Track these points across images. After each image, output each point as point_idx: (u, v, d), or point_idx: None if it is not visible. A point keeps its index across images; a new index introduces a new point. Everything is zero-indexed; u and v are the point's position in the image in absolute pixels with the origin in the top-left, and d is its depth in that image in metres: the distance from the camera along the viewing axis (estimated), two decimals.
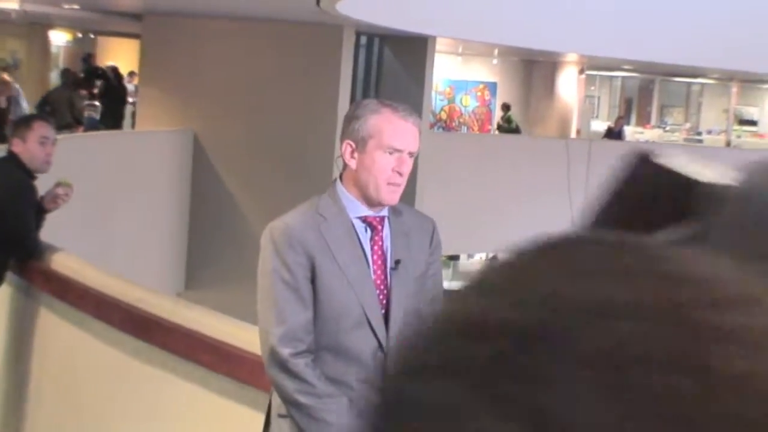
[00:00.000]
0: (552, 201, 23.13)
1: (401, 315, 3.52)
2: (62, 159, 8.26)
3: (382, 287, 3.52)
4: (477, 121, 28.77)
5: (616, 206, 1.43)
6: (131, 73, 24.21)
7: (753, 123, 32.52)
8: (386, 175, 3.46)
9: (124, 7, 19.20)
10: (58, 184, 6.69)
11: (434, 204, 19.02)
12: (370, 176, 3.48)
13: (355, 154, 3.51)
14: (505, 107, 27.67)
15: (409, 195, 18.20)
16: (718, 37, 19.49)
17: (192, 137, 18.22)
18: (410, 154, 3.50)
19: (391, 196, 3.50)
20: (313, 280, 3.44)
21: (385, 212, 3.59)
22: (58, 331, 6.29)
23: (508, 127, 27.19)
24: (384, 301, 3.52)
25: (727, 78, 30.83)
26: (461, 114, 28.72)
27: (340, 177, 3.60)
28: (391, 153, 3.47)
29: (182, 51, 18.33)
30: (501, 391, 0.62)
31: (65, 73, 21.77)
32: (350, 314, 3.46)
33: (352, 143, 3.52)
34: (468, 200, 21.91)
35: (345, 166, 3.57)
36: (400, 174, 3.48)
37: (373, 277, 3.52)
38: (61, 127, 16.45)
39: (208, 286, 16.33)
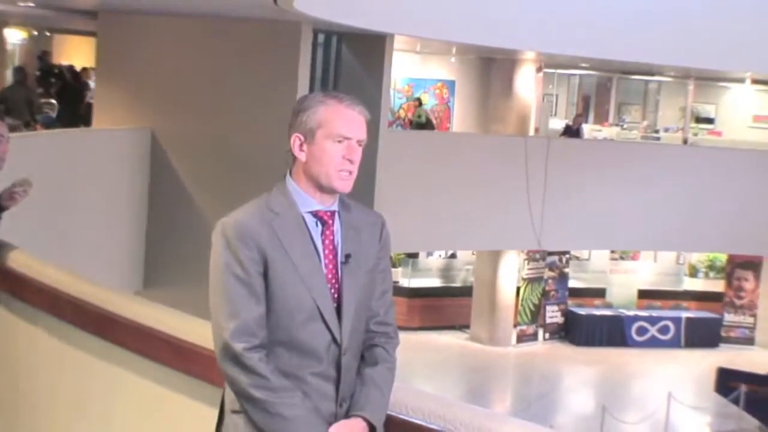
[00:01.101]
0: (511, 199, 23.26)
1: (353, 308, 3.55)
2: (18, 157, 8.28)
3: (333, 281, 3.53)
4: (435, 119, 28.82)
5: None
6: (84, 69, 24.11)
7: (710, 121, 32.74)
8: (337, 162, 3.48)
9: (79, 5, 19.13)
10: (14, 184, 6.67)
11: (393, 202, 19.08)
12: (321, 166, 3.50)
13: (304, 147, 3.53)
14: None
15: (367, 193, 18.35)
16: (675, 34, 19.63)
17: (149, 135, 18.17)
18: (359, 142, 3.52)
19: (344, 183, 3.51)
20: (265, 275, 3.44)
21: (335, 207, 3.60)
22: (13, 328, 6.29)
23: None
24: (336, 295, 3.53)
25: (683, 76, 31.01)
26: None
27: (290, 172, 3.60)
28: (340, 141, 3.49)
29: (139, 49, 18.29)
30: None
31: (19, 71, 21.70)
32: (303, 308, 3.46)
33: (300, 136, 3.54)
34: (427, 198, 21.96)
35: (294, 160, 3.58)
36: (351, 161, 3.50)
37: (325, 271, 3.52)
38: (20, 125, 16.45)
39: (166, 285, 16.32)
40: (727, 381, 22.77)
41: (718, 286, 30.90)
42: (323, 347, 3.49)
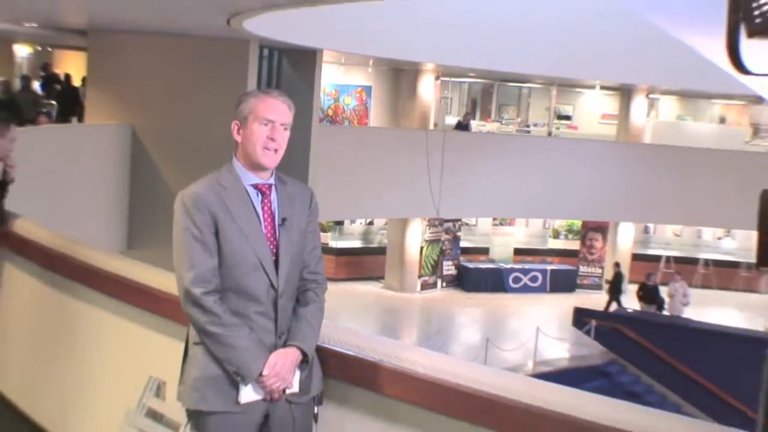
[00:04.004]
0: (415, 178, 23.31)
1: (288, 261, 3.55)
2: (26, 146, 8.21)
3: (272, 239, 3.53)
4: (356, 116, 28.78)
5: None
6: (66, 75, 23.81)
7: (568, 118, 33.01)
8: (262, 141, 3.48)
9: (72, 25, 18.89)
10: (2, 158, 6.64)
11: (324, 182, 19.11)
12: (250, 144, 3.50)
13: (241, 131, 3.54)
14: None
15: (303, 173, 18.27)
16: (542, 50, 19.73)
17: (131, 130, 18.14)
18: (282, 125, 3.52)
19: (268, 158, 3.51)
20: (216, 235, 3.44)
21: (272, 181, 3.60)
22: (17, 280, 6.25)
23: None
24: (274, 251, 3.52)
25: (548, 83, 31.19)
26: (344, 111, 28.71)
27: (235, 153, 3.60)
28: (265, 124, 3.49)
29: (121, 60, 18.23)
30: None
31: (24, 79, 21.55)
32: (247, 261, 3.46)
33: (238, 122, 3.55)
34: (350, 178, 21.97)
35: (237, 144, 3.58)
36: (273, 140, 3.50)
37: (265, 231, 3.52)
38: (27, 121, 16.28)
39: (145, 246, 16.26)
40: (581, 318, 23.03)
41: (574, 245, 31.24)
42: (263, 292, 3.49)
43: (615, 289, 25.99)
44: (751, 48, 1.81)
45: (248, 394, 3.47)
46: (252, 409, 3.49)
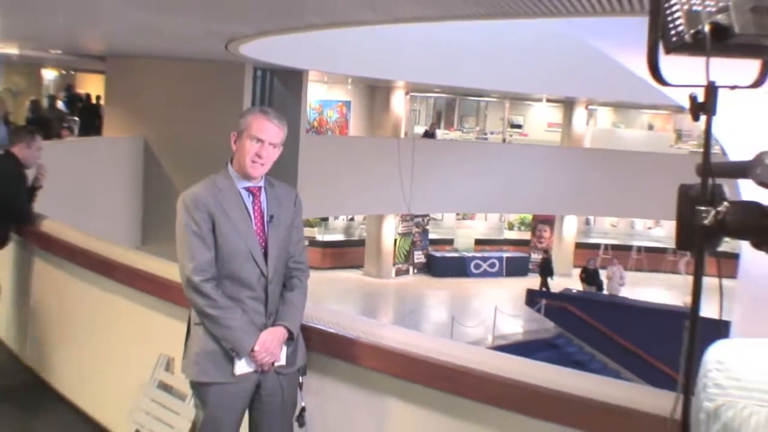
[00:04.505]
0: (389, 180, 23.29)
1: (276, 252, 3.55)
2: (52, 157, 8.23)
3: (261, 234, 3.53)
4: (338, 127, 28.74)
5: None
6: (97, 97, 23.70)
7: (519, 126, 33.00)
8: (251, 155, 3.48)
9: (92, 52, 18.80)
10: (38, 169, 6.65)
11: (310, 183, 19.07)
12: (242, 156, 3.50)
13: (237, 142, 3.53)
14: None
15: (293, 177, 18.19)
16: (497, 69, 19.77)
17: (143, 141, 18.10)
18: (271, 144, 3.51)
19: (255, 170, 3.51)
20: (213, 231, 3.45)
21: (261, 184, 3.59)
22: (45, 272, 6.27)
23: None
24: (263, 244, 3.52)
25: (502, 97, 31.26)
26: (327, 123, 28.66)
27: (230, 160, 3.59)
28: (256, 142, 3.48)
29: (134, 81, 18.22)
30: None
31: (51, 99, 21.50)
32: (240, 253, 3.46)
33: (236, 134, 3.54)
34: (333, 180, 21.91)
35: (233, 152, 3.57)
36: (259, 156, 3.49)
37: (255, 228, 3.52)
38: (54, 135, 16.24)
39: (158, 242, 16.15)
40: (533, 298, 23.11)
41: (526, 235, 31.28)
42: (255, 279, 3.50)
43: (545, 272, 26.19)
44: (668, 63, 1.80)
45: (242, 367, 3.49)
46: (245, 380, 3.52)
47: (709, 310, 1.98)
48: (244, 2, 8.56)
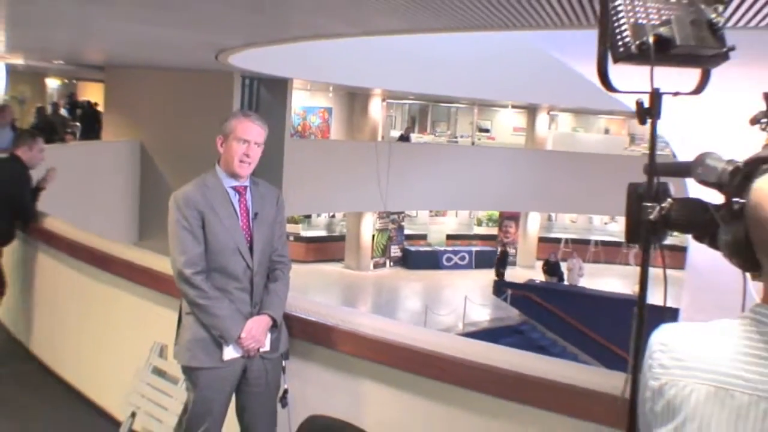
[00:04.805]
0: (367, 180, 23.26)
1: (260, 247, 3.55)
2: (56, 159, 8.22)
3: (247, 230, 3.53)
4: (320, 132, 28.67)
5: None
6: (88, 102, 23.63)
7: (487, 130, 33.01)
8: (239, 155, 3.48)
9: (92, 62, 18.70)
10: (48, 169, 6.65)
11: (295, 183, 19.05)
12: (230, 157, 3.49)
13: (223, 144, 3.53)
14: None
15: (278, 178, 18.13)
16: (466, 77, 19.80)
17: (140, 145, 18.00)
18: (256, 143, 3.51)
19: (243, 169, 3.51)
20: (203, 227, 3.44)
21: (247, 183, 3.58)
22: (48, 266, 6.26)
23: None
24: (249, 239, 3.52)
25: (471, 103, 31.30)
26: (310, 127, 28.59)
27: (218, 161, 3.58)
28: (243, 143, 3.48)
29: (131, 89, 18.16)
30: None
31: (54, 105, 21.36)
32: (227, 247, 3.46)
33: (222, 137, 3.54)
34: (316, 180, 21.83)
35: (220, 154, 3.56)
36: (248, 156, 3.49)
37: (241, 224, 3.52)
38: (58, 139, 16.19)
39: (153, 238, 16.09)
40: (499, 288, 23.17)
41: (493, 230, 31.36)
42: (241, 272, 3.50)
43: (501, 265, 26.31)
44: (619, 71, 1.81)
45: (230, 352, 3.49)
46: (233, 365, 3.52)
47: (659, 298, 1.99)
48: (233, 17, 8.55)
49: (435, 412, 3.39)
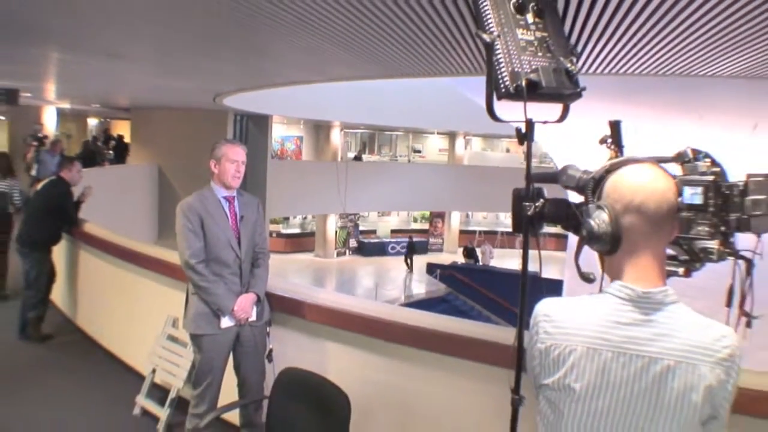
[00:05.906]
0: (331, 189, 23.14)
1: (246, 242, 3.52)
2: (94, 179, 8.06)
3: (235, 229, 3.49)
4: (294, 155, 28.46)
5: None
6: (119, 135, 23.17)
7: (419, 151, 32.96)
8: (231, 173, 3.47)
9: (121, 105, 18.38)
10: (86, 187, 6.53)
11: (276, 194, 18.89)
12: (224, 174, 3.47)
13: (217, 166, 3.50)
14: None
15: (262, 189, 17.90)
16: (403, 110, 19.84)
17: (158, 167, 17.71)
18: (243, 162, 3.49)
19: (234, 182, 3.49)
20: (202, 227, 3.41)
21: (234, 194, 3.55)
22: (88, 260, 6.15)
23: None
24: (237, 236, 3.49)
25: (408, 131, 31.34)
26: (287, 152, 28.39)
27: (212, 178, 3.54)
28: (232, 163, 3.46)
29: (150, 125, 17.84)
30: None
31: (93, 138, 20.93)
32: (221, 242, 3.43)
33: (214, 160, 3.51)
34: (291, 191, 21.68)
35: (212, 174, 3.53)
36: (238, 172, 3.48)
37: (231, 224, 3.49)
38: (97, 164, 15.94)
39: (168, 239, 15.82)
40: (432, 268, 23.25)
41: (426, 226, 31.45)
42: (232, 260, 3.47)
43: (409, 252, 26.33)
44: (500, 106, 1.84)
45: (226, 322, 3.46)
46: (229, 331, 3.49)
47: (548, 272, 2.02)
48: (227, 71, 8.51)
49: (380, 364, 3.40)
